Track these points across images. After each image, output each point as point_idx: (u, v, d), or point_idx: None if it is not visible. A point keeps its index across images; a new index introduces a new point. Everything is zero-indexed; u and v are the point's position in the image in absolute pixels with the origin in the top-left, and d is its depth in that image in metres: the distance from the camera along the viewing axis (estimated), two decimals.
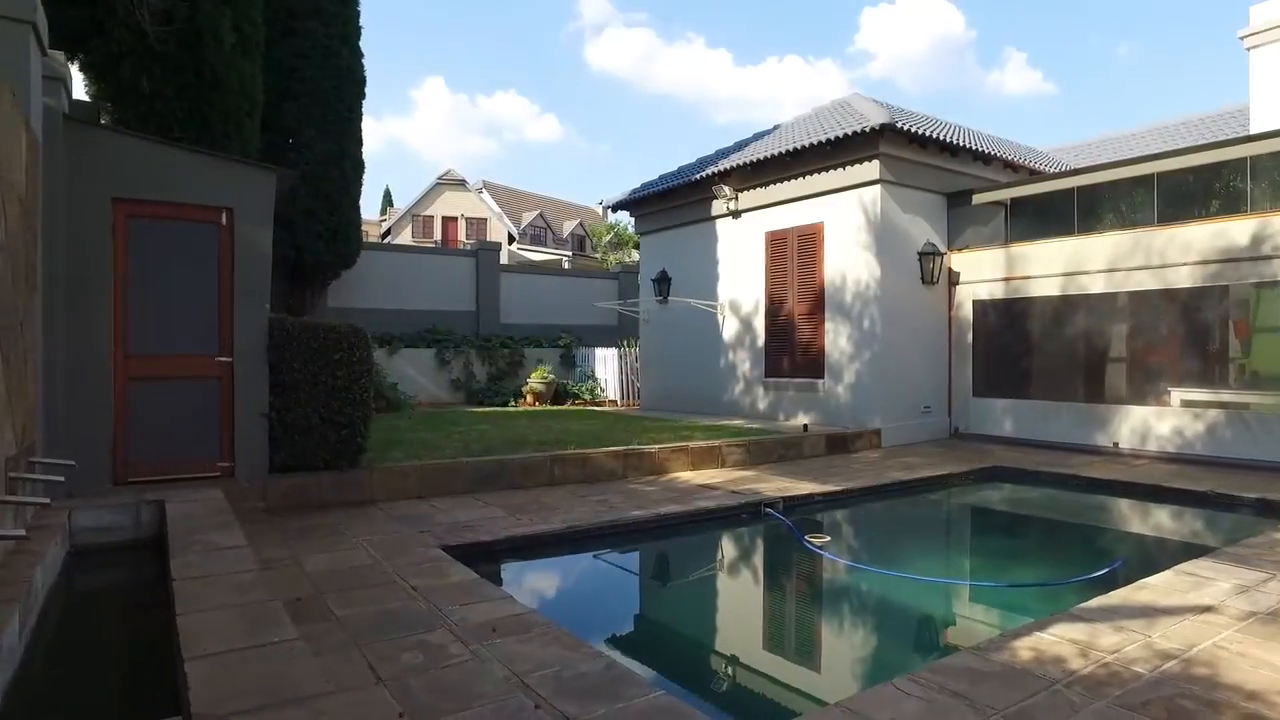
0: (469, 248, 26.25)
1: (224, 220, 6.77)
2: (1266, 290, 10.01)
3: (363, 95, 16.01)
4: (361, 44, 16.00)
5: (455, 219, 45.35)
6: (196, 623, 2.91)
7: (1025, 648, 3.70)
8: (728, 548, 7.39)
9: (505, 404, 17.20)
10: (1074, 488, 9.09)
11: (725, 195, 13.74)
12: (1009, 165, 13.23)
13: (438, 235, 44.58)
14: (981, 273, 12.17)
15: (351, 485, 7.27)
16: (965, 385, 12.37)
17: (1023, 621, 4.32)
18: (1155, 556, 6.72)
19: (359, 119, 15.98)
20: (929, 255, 12.07)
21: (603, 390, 18.39)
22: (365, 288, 17.88)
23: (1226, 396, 10.06)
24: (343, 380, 7.17)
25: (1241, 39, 14.62)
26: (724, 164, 13.78)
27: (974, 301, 12.28)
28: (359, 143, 16.04)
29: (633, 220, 16.67)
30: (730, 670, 4.62)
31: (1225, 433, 9.63)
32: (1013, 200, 12.62)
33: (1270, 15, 14.25)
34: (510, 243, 42.66)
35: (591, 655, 3.68)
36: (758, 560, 7.21)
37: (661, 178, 15.87)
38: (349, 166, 15.68)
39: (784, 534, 7.06)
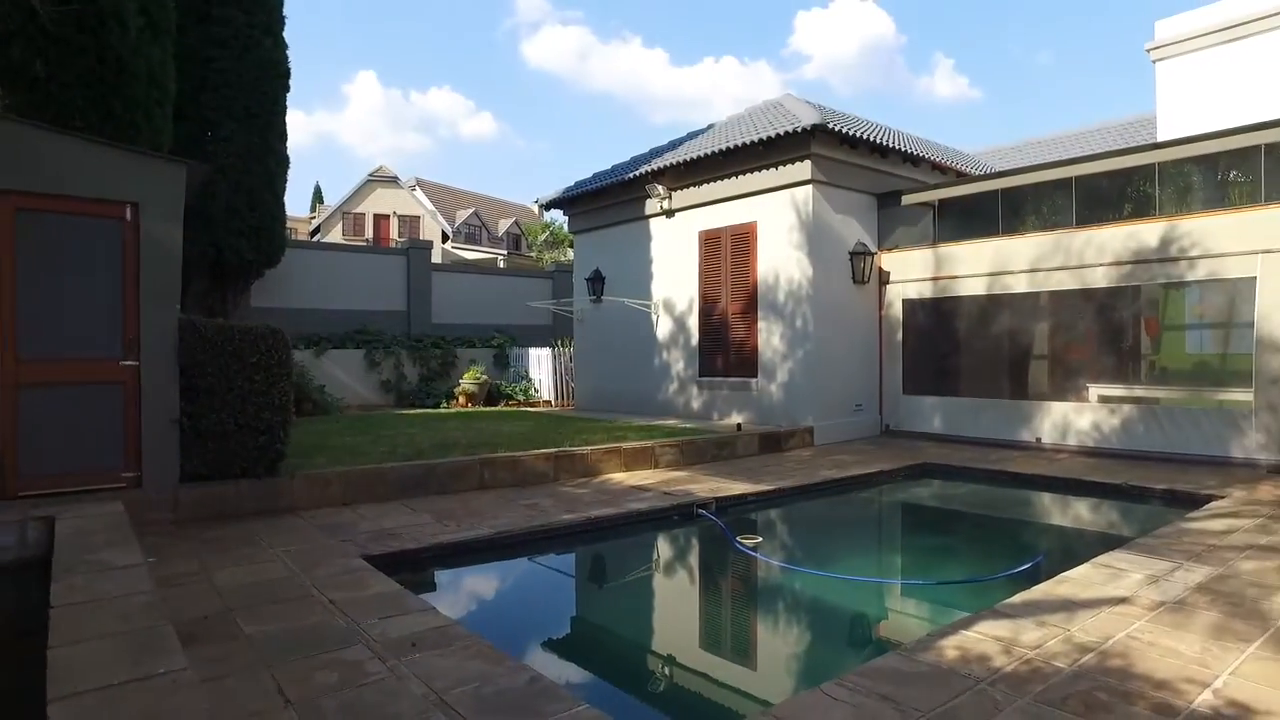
0: (400, 246, 25.66)
1: (128, 216, 6.38)
2: (1173, 290, 10.43)
3: (287, 87, 15.45)
4: (287, 34, 15.47)
5: (387, 216, 44.36)
6: (71, 656, 2.66)
7: (951, 647, 3.71)
8: (660, 550, 7.32)
9: (437, 405, 16.84)
10: (1000, 483, 9.30)
11: (659, 194, 13.69)
12: (937, 167, 13.51)
13: (369, 233, 43.55)
14: (911, 272, 12.40)
15: (271, 493, 6.96)
16: (896, 383, 12.58)
17: (950, 619, 4.35)
18: (1075, 549, 6.90)
19: (283, 112, 15.42)
20: (860, 255, 12.24)
21: (537, 391, 18.17)
22: (291, 287, 17.28)
23: (1139, 392, 10.45)
24: (260, 384, 6.85)
25: (1148, 51, 15.27)
26: (657, 163, 13.73)
27: (904, 300, 12.50)
28: (283, 137, 15.47)
29: (567, 219, 16.51)
30: (661, 677, 4.54)
31: (1139, 427, 10.00)
32: (940, 201, 12.88)
33: (1174, 31, 14.91)
34: (444, 241, 41.95)
35: (515, 669, 3.55)
36: (690, 563, 7.17)
37: (595, 176, 15.76)
38: (272, 161, 15.11)
39: (717, 535, 7.02)
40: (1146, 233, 9.94)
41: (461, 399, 16.94)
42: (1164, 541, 5.83)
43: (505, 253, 43.76)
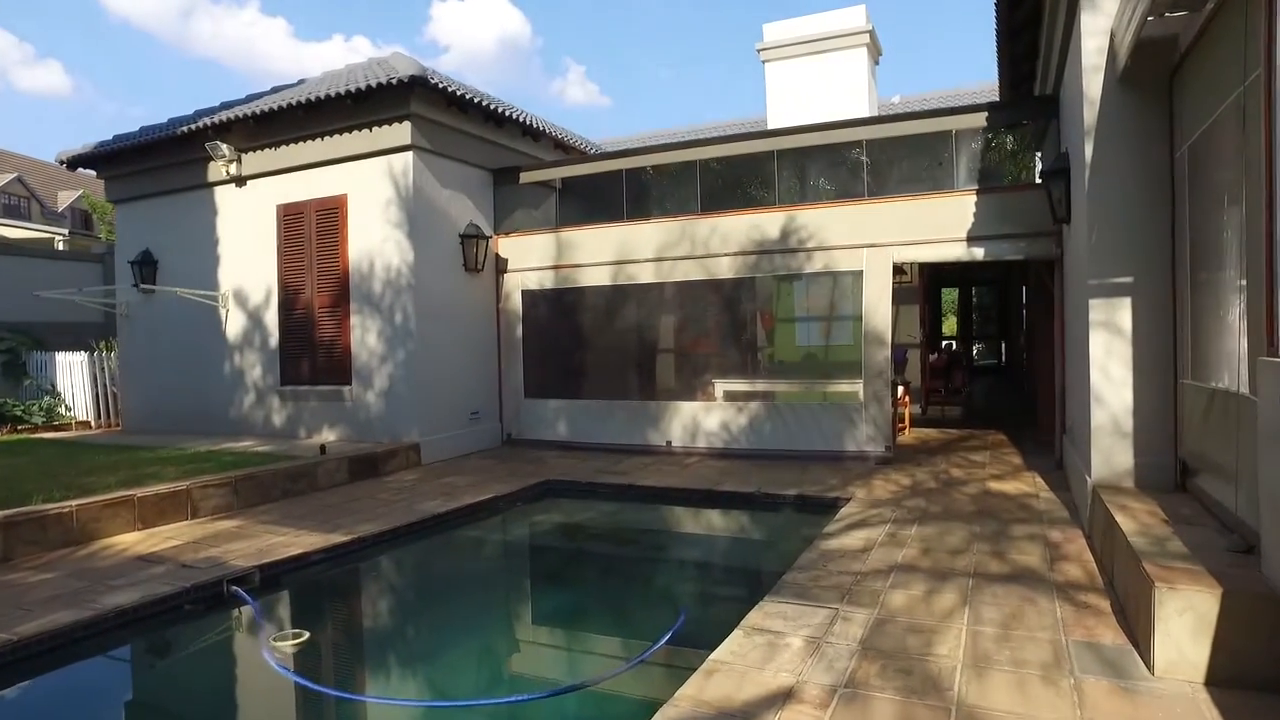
0: None
1: None
2: (794, 282, 10.27)
3: None
4: None
5: None
6: None
7: None
8: (140, 682, 4.72)
9: None
10: (630, 499, 8.14)
11: (223, 155, 10.68)
12: (560, 145, 12.31)
13: None
14: (531, 260, 10.99)
15: None
16: (517, 386, 11.09)
17: None
18: (719, 596, 5.82)
19: None
20: (473, 238, 10.52)
21: (68, 409, 13.79)
22: None
23: (760, 386, 10.13)
24: None
25: (759, 51, 15.73)
26: (223, 116, 10.70)
27: (523, 291, 11.05)
28: None
29: (104, 184, 12.56)
30: None
31: (765, 425, 9.59)
32: (564, 182, 11.70)
33: (780, 34, 15.49)
34: None
35: None
36: (190, 696, 4.55)
37: (143, 129, 12.09)
38: None
39: (248, 632, 4.74)
40: (767, 223, 9.55)
41: None
42: (812, 577, 4.86)
43: (67, 232, 35.21)
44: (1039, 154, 11.57)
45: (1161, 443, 5.43)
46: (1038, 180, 8.60)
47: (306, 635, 4.67)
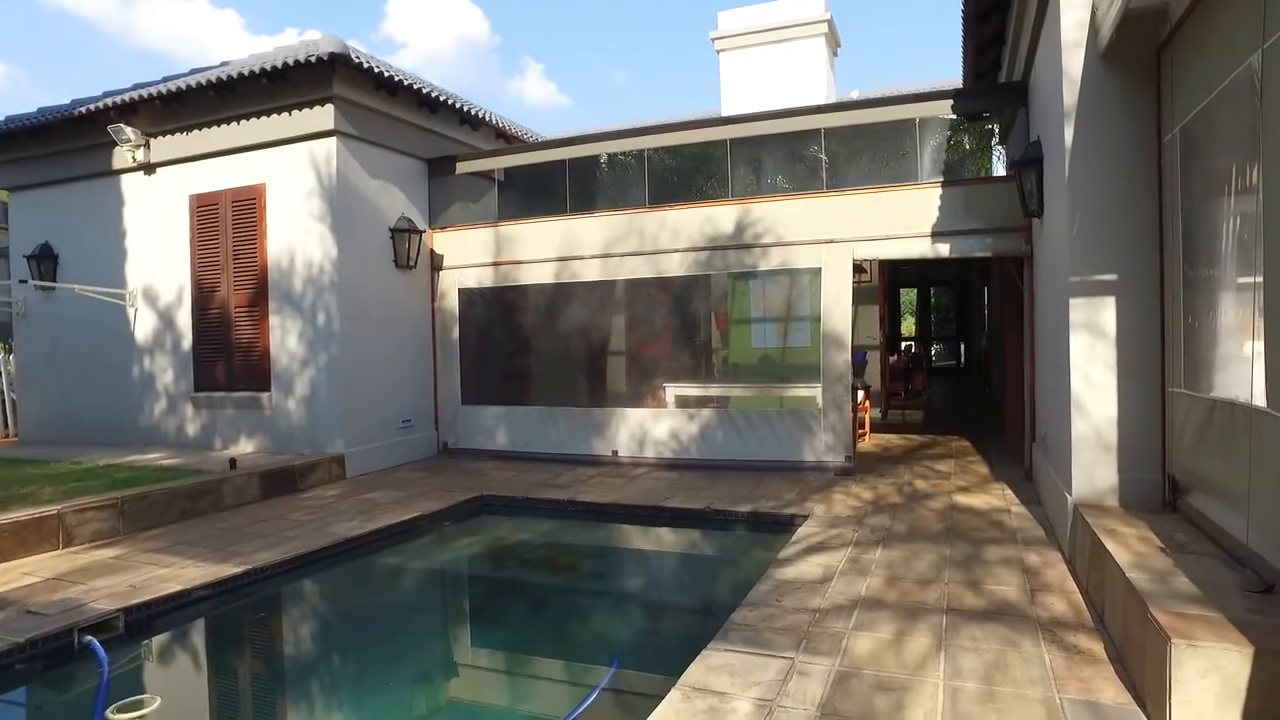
0: None
1: None
2: (738, 282, 9.70)
3: None
4: None
5: None
6: None
7: None
8: None
9: None
10: (570, 517, 7.44)
11: (128, 140, 9.73)
12: (502, 135, 11.57)
13: None
14: (469, 256, 10.23)
15: None
16: (454, 391, 10.32)
17: None
18: (660, 634, 5.16)
19: None
20: (405, 233, 9.73)
21: None
22: None
23: (714, 390, 9.53)
24: None
25: (713, 40, 15.14)
26: (127, 96, 9.76)
27: (460, 290, 10.28)
28: None
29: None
30: None
31: (717, 433, 8.96)
32: (507, 174, 10.97)
33: (734, 24, 14.93)
34: None
35: None
36: None
37: (41, 110, 11.02)
38: None
39: (91, 696, 3.95)
40: (721, 217, 8.94)
41: None
42: (765, 616, 4.23)
43: None
44: (1003, 149, 11.16)
45: (1148, 457, 4.92)
46: (1005, 173, 8.13)
47: (157, 703, 3.88)
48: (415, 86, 9.56)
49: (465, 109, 10.51)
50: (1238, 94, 3.66)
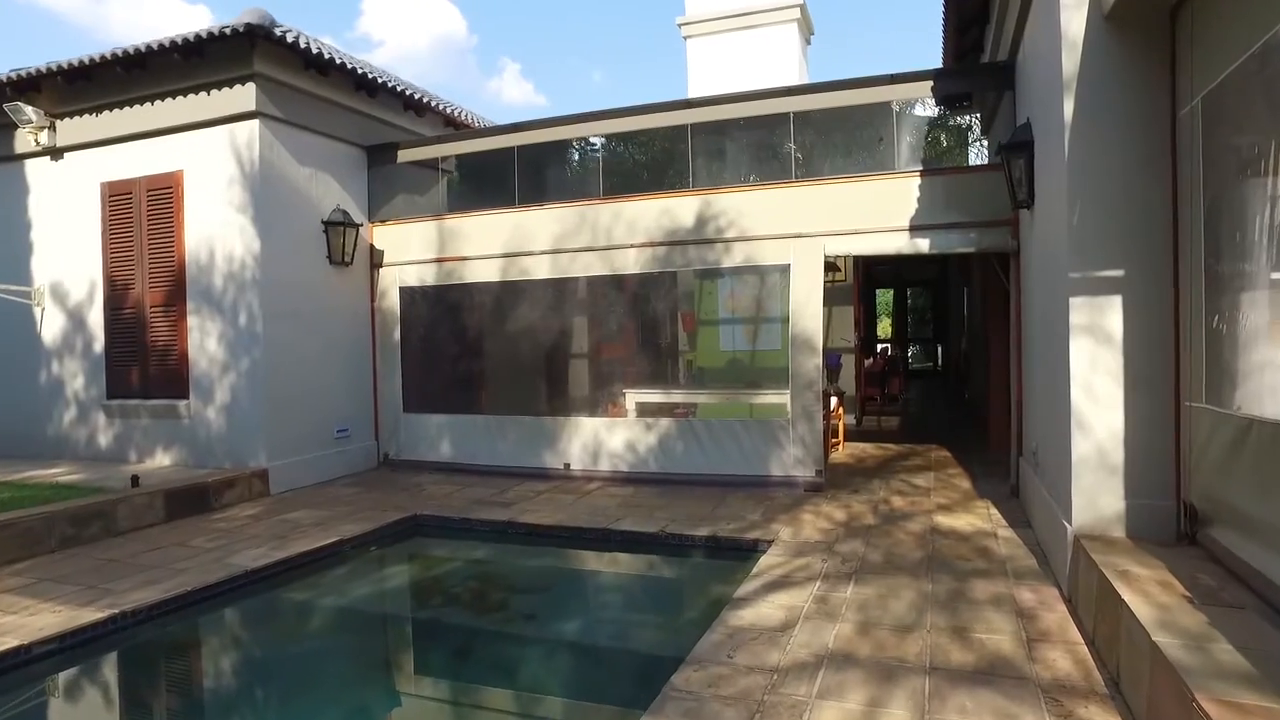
0: None
1: None
2: (700, 280, 8.99)
3: None
4: None
5: None
6: None
7: None
8: None
9: None
10: (511, 540, 6.65)
11: (29, 121, 8.82)
12: (451, 122, 10.76)
13: None
14: (411, 252, 9.41)
15: None
16: (395, 398, 9.49)
17: None
18: (592, 697, 4.38)
19: None
20: (339, 226, 8.90)
21: None
22: None
23: (678, 397, 8.82)
24: None
25: (680, 26, 14.45)
26: (24, 71, 8.82)
27: (401, 288, 9.46)
28: None
29: None
30: None
31: (677, 444, 8.22)
32: (456, 164, 10.18)
33: (703, 8, 14.25)
34: None
35: None
36: None
37: None
38: None
39: None
40: (681, 209, 8.20)
41: None
42: (711, 679, 3.50)
43: None
44: (984, 143, 10.54)
45: (1160, 482, 4.25)
46: (990, 160, 7.47)
47: None
48: (350, 66, 8.75)
49: (408, 93, 9.70)
50: (1277, 54, 3.00)
